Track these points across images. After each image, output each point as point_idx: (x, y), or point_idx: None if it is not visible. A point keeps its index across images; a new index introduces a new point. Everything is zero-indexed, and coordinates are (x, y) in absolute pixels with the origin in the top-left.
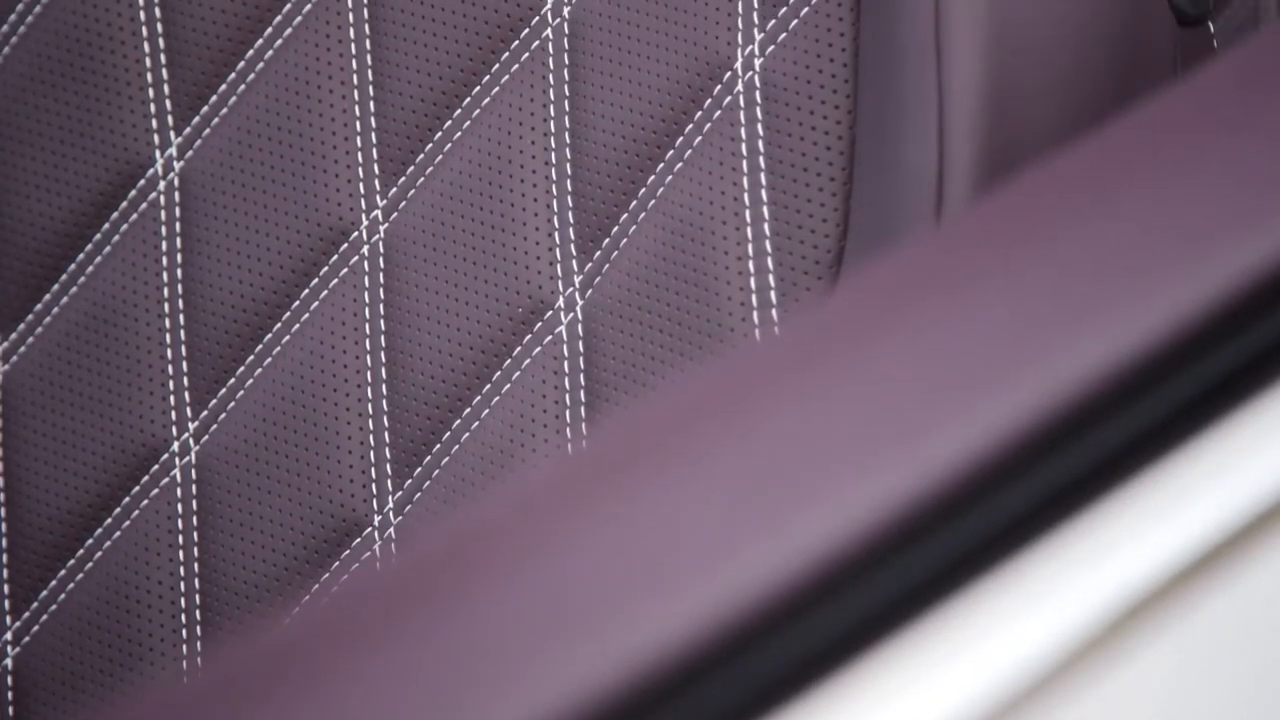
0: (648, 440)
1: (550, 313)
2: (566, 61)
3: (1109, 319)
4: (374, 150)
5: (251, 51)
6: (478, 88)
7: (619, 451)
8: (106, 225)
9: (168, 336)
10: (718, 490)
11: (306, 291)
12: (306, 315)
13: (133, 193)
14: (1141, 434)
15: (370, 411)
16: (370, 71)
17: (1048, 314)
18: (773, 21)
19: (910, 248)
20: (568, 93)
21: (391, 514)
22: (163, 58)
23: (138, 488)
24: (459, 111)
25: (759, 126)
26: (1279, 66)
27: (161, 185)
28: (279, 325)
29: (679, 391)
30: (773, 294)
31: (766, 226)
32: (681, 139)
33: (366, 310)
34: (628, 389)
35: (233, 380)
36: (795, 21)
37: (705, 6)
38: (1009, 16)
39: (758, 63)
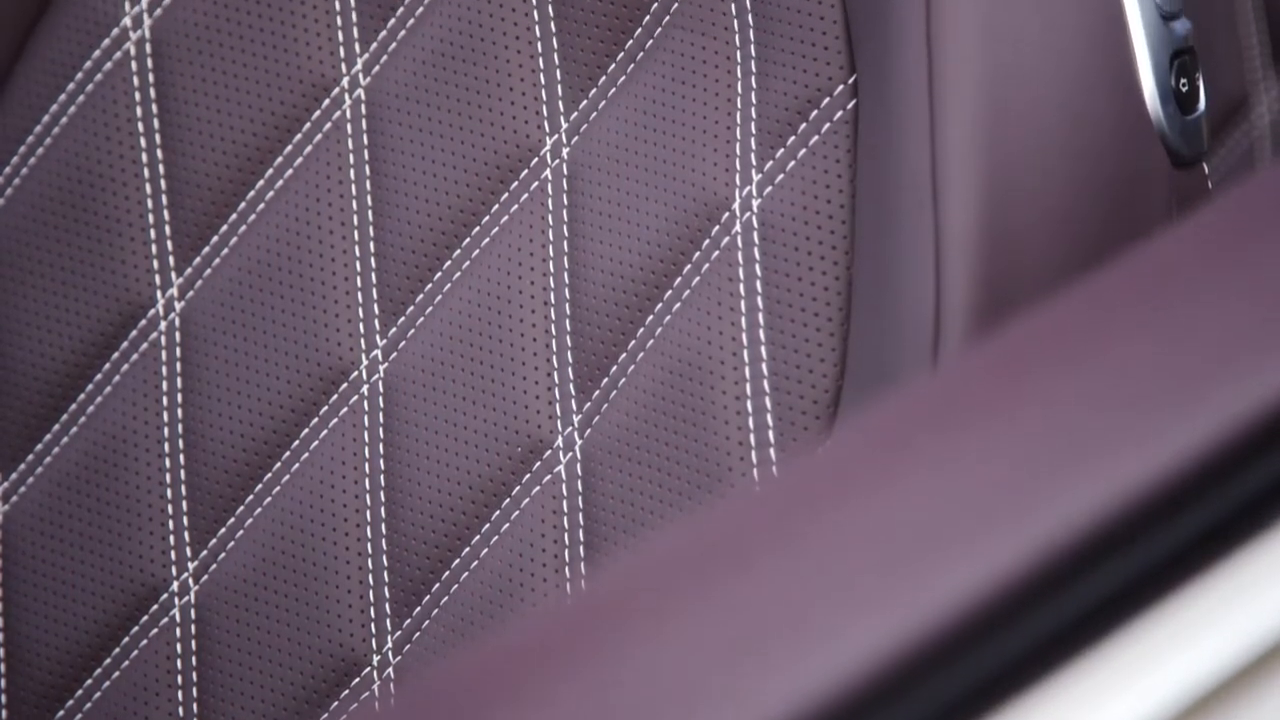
0: (647, 586)
1: (549, 452)
2: (565, 202)
3: (1104, 464)
4: (374, 290)
5: (252, 192)
6: (477, 228)
7: (619, 597)
8: (107, 365)
9: (168, 476)
10: (716, 636)
11: (306, 431)
12: (306, 455)
13: (133, 333)
14: (1136, 578)
15: (370, 551)
16: (370, 212)
17: (1044, 459)
18: (770, 163)
19: (906, 392)
20: (566, 233)
21: (391, 653)
22: (164, 198)
23: (137, 627)
24: (458, 252)
25: (757, 267)
26: (1275, 211)
27: (162, 325)
28: (278, 465)
29: (678, 536)
30: (771, 433)
31: (764, 366)
32: (680, 279)
33: (366, 450)
34: (627, 528)
35: (232, 520)
36: (792, 163)
37: (703, 148)
38: (1005, 159)
39: (755, 204)
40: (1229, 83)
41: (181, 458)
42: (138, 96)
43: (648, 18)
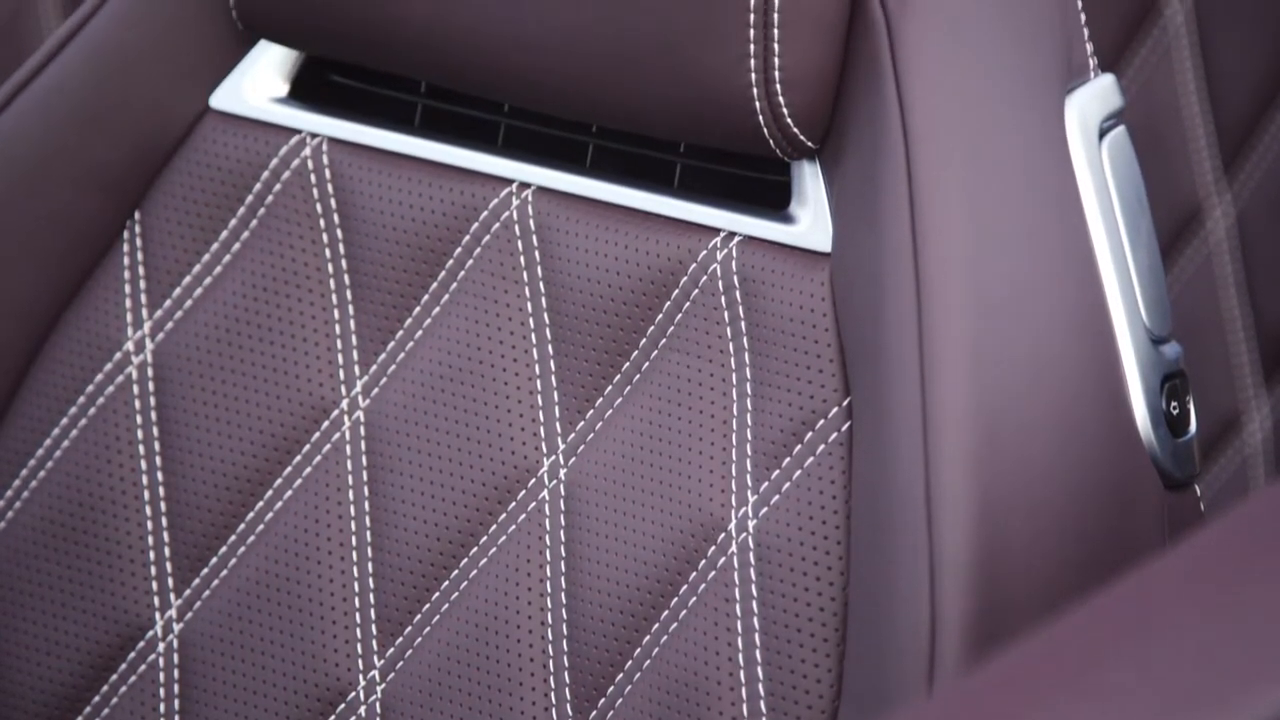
0: None
1: None
2: (563, 523)
3: None
4: (371, 610)
5: (252, 514)
6: (475, 548)
7: None
8: (105, 687)
9: None
10: None
11: None
12: None
13: (132, 654)
14: None
15: None
16: (369, 532)
17: None
18: (766, 484)
19: (901, 717)
20: (564, 553)
21: None
22: (164, 520)
23: None
24: (456, 572)
25: (753, 588)
26: (1267, 537)
27: (160, 647)
28: None
29: None
30: None
31: (761, 687)
32: (676, 599)
33: None
34: None
35: None
36: (788, 485)
37: (699, 469)
38: (997, 481)
39: (751, 524)
40: (1220, 402)
41: None
42: (139, 420)
43: (644, 340)
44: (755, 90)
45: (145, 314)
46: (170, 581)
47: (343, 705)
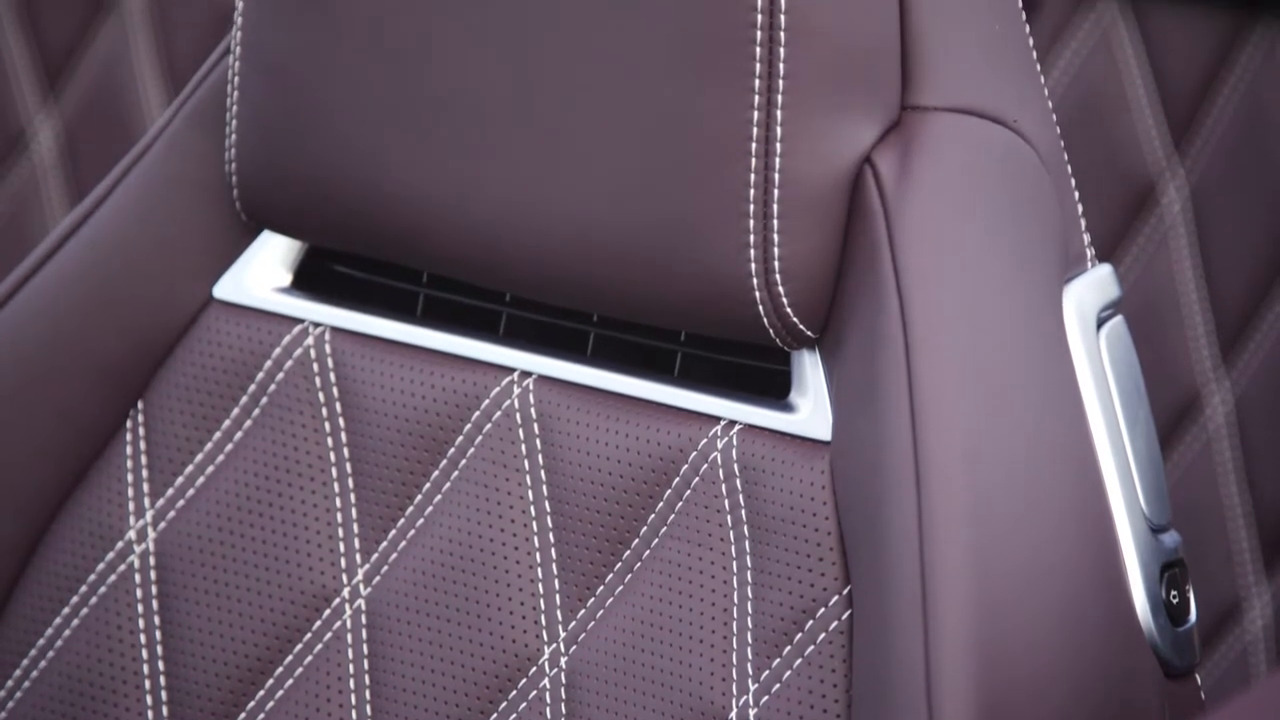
0: None
1: None
2: (564, 711)
3: None
4: None
5: (253, 702)
6: None
7: None
8: None
9: None
10: None
11: None
12: None
13: None
14: None
15: None
16: None
17: None
18: (766, 672)
19: None
20: None
21: None
22: (164, 710)
23: None
24: None
25: None
26: None
27: None
28: None
29: None
30: None
31: None
32: None
33: None
34: None
35: None
36: (788, 673)
37: (700, 657)
38: (998, 670)
39: (752, 713)
40: (1220, 589)
41: None
42: (140, 609)
43: (644, 528)
44: (755, 280)
45: (147, 503)
46: None
47: None
